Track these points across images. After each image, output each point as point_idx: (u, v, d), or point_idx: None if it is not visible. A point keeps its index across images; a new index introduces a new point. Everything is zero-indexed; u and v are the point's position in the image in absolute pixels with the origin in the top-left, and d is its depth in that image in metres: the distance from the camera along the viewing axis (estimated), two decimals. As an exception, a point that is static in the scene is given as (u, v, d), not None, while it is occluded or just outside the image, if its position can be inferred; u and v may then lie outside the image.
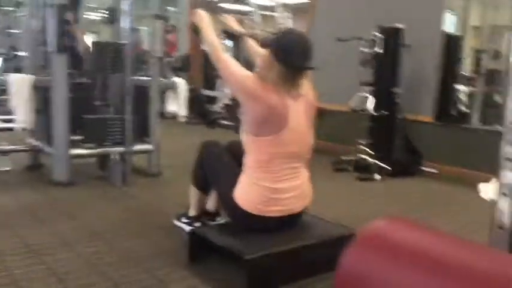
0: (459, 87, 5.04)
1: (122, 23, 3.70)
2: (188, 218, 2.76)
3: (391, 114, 4.50)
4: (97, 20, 4.63)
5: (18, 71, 5.15)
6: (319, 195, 3.51)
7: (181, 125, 4.77)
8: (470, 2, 5.02)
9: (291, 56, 2.16)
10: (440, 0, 4.60)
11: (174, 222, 2.84)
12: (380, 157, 4.42)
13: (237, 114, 4.80)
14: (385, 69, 4.52)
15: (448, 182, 4.27)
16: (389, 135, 4.52)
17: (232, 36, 2.82)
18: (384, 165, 4.37)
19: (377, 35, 4.43)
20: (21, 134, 3.79)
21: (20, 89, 3.48)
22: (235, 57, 6.88)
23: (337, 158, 4.73)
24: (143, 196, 3.46)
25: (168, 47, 6.76)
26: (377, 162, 4.39)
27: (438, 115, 4.69)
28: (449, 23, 4.84)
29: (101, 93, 3.91)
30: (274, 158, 2.21)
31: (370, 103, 4.43)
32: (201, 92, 7.26)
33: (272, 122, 2.16)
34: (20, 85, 3.49)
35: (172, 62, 6.56)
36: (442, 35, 4.64)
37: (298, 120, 2.22)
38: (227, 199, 2.33)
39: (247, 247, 2.11)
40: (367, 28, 4.53)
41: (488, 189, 3.92)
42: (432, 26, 4.62)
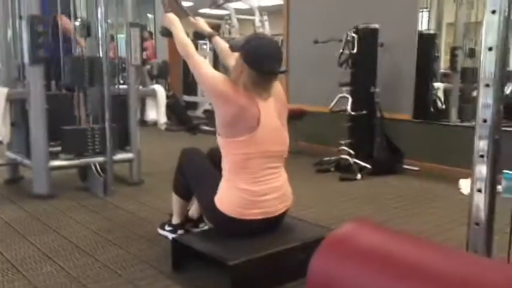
0: (436, 85, 5.11)
1: (97, 35, 3.69)
2: (171, 226, 2.75)
3: (370, 114, 4.54)
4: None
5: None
6: (301, 197, 3.53)
7: (161, 132, 4.75)
8: (444, 0, 5.09)
9: (260, 61, 2.18)
10: (415, -1, 4.66)
11: (158, 230, 2.84)
12: (361, 156, 4.46)
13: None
14: (362, 69, 4.56)
15: (429, 179, 4.32)
16: (369, 135, 4.56)
17: (202, 37, 2.86)
18: (365, 165, 4.41)
19: (353, 35, 4.46)
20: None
21: (-4, 102, 3.44)
22: (214, 60, 6.81)
23: (319, 159, 4.76)
24: (125, 205, 3.44)
25: (146, 55, 6.74)
26: (358, 161, 4.42)
27: (417, 113, 4.74)
28: (424, 21, 4.91)
29: (79, 103, 3.89)
30: (250, 159, 2.22)
31: (349, 103, 4.46)
32: (180, 99, 7.24)
33: (244, 122, 2.19)
34: (-5, 98, 3.45)
35: (149, 69, 6.53)
36: (417, 33, 4.70)
37: (270, 118, 2.24)
38: (208, 205, 2.34)
39: (230, 253, 2.11)
40: (343, 29, 4.56)
41: (468, 185, 3.98)
42: (407, 25, 4.68)
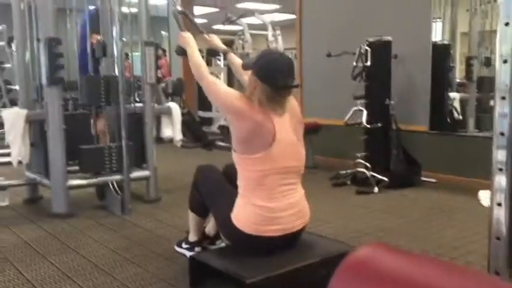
0: (452, 95, 5.06)
1: (112, 54, 3.77)
2: (188, 244, 2.75)
3: (386, 126, 4.52)
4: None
5: (14, 103, 5.20)
6: (318, 211, 3.51)
7: (177, 149, 4.78)
8: (458, 9, 5.06)
9: (273, 76, 2.18)
10: (428, 10, 4.65)
11: (175, 248, 2.84)
12: (377, 169, 4.43)
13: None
14: (376, 82, 4.55)
15: (447, 190, 4.26)
16: (385, 147, 4.53)
17: (217, 53, 2.88)
18: (382, 177, 4.37)
19: (366, 48, 4.46)
20: (19, 168, 3.79)
21: (15, 124, 3.50)
22: (228, 75, 6.86)
23: (335, 173, 4.74)
24: (143, 223, 3.45)
25: (160, 73, 6.81)
26: (374, 174, 4.39)
27: (433, 124, 4.70)
28: (438, 32, 4.89)
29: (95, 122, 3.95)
30: (266, 175, 2.20)
31: (364, 116, 4.45)
32: (195, 115, 7.29)
33: (259, 138, 2.18)
34: (15, 120, 3.51)
35: (164, 87, 6.60)
36: (431, 44, 4.68)
37: (286, 133, 2.23)
38: (224, 222, 2.33)
39: (247, 270, 2.10)
40: (356, 42, 4.57)
41: (488, 197, 3.92)
42: (421, 36, 4.67)
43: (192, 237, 2.74)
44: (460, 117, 5.02)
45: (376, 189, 4.27)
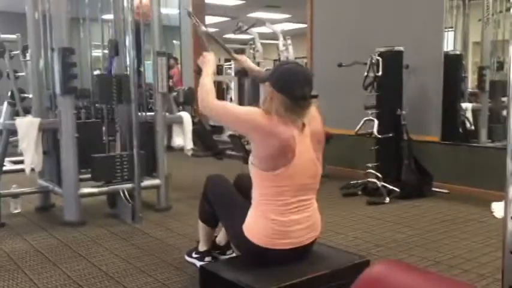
0: (464, 105, 5.03)
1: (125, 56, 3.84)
2: (199, 253, 2.75)
3: (397, 136, 4.50)
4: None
5: (28, 112, 5.25)
6: (329, 222, 3.50)
7: (188, 158, 4.79)
8: (470, 19, 5.05)
9: (289, 86, 2.14)
10: (440, 20, 4.64)
11: (185, 257, 2.84)
12: (388, 180, 4.40)
13: (242, 143, 4.82)
14: (388, 92, 4.54)
15: (459, 202, 4.22)
16: (396, 157, 4.51)
17: (245, 74, 2.85)
18: (393, 188, 4.35)
19: (377, 58, 4.46)
20: (31, 176, 3.83)
21: (28, 132, 3.53)
22: (239, 85, 6.82)
23: (345, 183, 4.72)
24: (153, 232, 3.46)
25: (172, 82, 6.84)
26: (386, 185, 4.36)
27: (445, 135, 4.68)
28: (450, 41, 4.87)
29: (108, 129, 3.98)
30: (283, 192, 2.17)
31: (375, 126, 4.43)
32: (206, 124, 7.30)
33: (282, 155, 2.13)
34: (28, 128, 3.54)
35: (176, 96, 6.62)
36: (443, 54, 4.67)
37: (305, 150, 2.19)
38: (235, 233, 2.32)
39: (258, 281, 2.09)
40: (368, 52, 4.57)
41: (501, 208, 3.88)
42: (432, 45, 4.66)
43: (202, 247, 2.74)
44: (472, 127, 4.99)
45: (387, 199, 4.25)
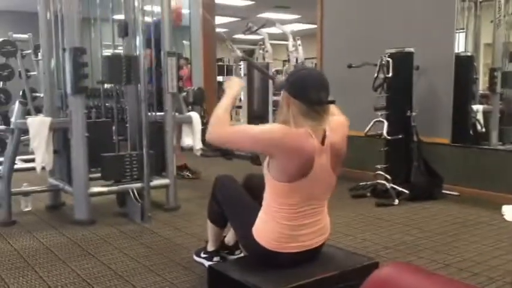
0: (475, 107, 5.00)
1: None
2: (207, 253, 2.76)
3: (407, 138, 4.47)
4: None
5: (39, 111, 5.31)
6: (338, 223, 3.49)
7: (197, 157, 4.81)
8: (482, 20, 5.01)
9: (305, 91, 2.10)
10: (451, 21, 4.61)
11: (194, 257, 2.85)
12: (398, 181, 4.38)
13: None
14: (398, 93, 4.52)
15: (469, 204, 4.19)
16: (406, 159, 4.48)
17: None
18: (403, 190, 4.32)
19: (387, 59, 4.44)
20: (42, 174, 3.86)
21: (39, 131, 3.56)
22: (248, 87, 6.81)
23: (354, 184, 4.71)
24: (162, 231, 3.47)
25: (182, 82, 6.86)
26: (395, 186, 4.34)
27: (455, 137, 4.64)
28: (461, 43, 4.84)
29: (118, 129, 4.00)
30: (296, 200, 2.15)
31: (385, 127, 4.41)
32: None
33: (300, 170, 2.10)
34: (39, 127, 3.57)
35: (185, 96, 6.64)
36: (454, 55, 4.63)
37: (323, 163, 2.16)
38: (243, 233, 2.32)
39: (267, 282, 2.10)
40: (378, 53, 4.55)
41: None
42: (443, 47, 4.63)
43: (210, 247, 2.75)
44: (483, 129, 4.95)
45: (396, 201, 4.23)
